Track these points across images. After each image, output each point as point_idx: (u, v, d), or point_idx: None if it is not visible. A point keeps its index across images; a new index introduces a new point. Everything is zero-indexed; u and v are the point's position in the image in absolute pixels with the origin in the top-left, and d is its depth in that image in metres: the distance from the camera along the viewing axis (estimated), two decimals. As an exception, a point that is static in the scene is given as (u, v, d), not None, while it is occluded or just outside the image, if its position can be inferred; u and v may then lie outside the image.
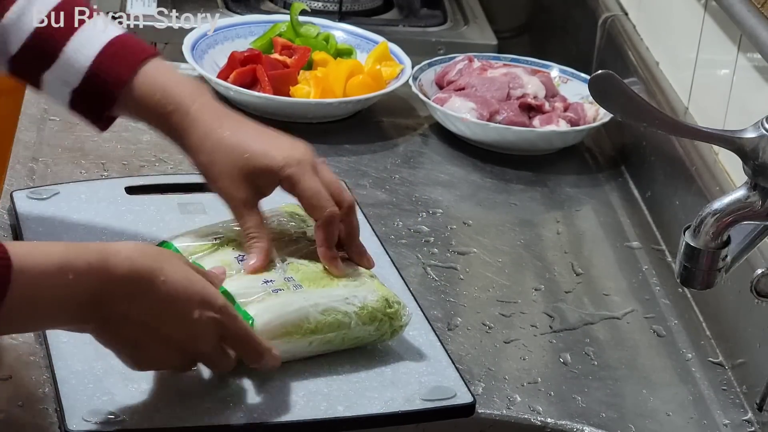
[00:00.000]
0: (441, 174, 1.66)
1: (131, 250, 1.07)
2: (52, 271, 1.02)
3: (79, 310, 1.04)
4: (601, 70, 1.03)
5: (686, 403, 1.28)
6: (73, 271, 1.02)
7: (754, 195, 1.04)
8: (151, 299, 1.07)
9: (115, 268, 1.05)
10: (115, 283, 1.05)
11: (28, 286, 1.00)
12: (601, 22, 1.90)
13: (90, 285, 1.04)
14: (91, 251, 1.05)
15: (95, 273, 1.04)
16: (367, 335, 1.23)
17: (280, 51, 1.82)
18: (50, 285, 1.02)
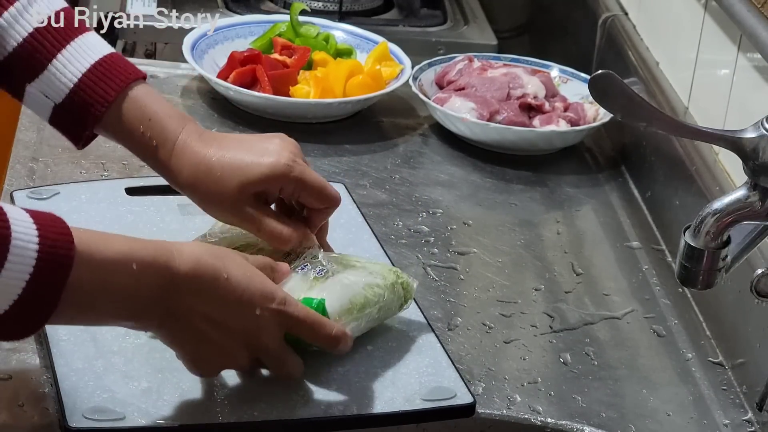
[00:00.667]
0: (441, 174, 1.66)
1: (195, 247, 1.08)
2: (117, 260, 1.02)
3: (143, 303, 1.05)
4: (601, 70, 1.03)
5: (686, 403, 1.28)
6: (137, 262, 1.03)
7: (754, 195, 1.04)
8: (215, 295, 1.08)
9: (180, 265, 1.06)
10: (180, 278, 1.05)
11: (92, 272, 1.00)
12: (601, 22, 1.90)
13: (155, 278, 1.04)
14: (155, 245, 1.05)
15: (160, 267, 1.04)
16: (393, 305, 1.25)
17: (280, 51, 1.82)
18: (114, 273, 1.02)
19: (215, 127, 1.70)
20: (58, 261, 0.97)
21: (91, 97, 1.20)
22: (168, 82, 1.80)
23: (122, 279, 1.03)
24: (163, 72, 1.83)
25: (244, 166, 1.22)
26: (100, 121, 1.21)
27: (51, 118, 1.23)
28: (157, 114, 1.23)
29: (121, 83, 1.21)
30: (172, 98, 1.76)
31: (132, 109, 1.21)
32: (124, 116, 1.21)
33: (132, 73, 1.22)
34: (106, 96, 1.20)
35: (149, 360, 1.19)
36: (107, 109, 1.20)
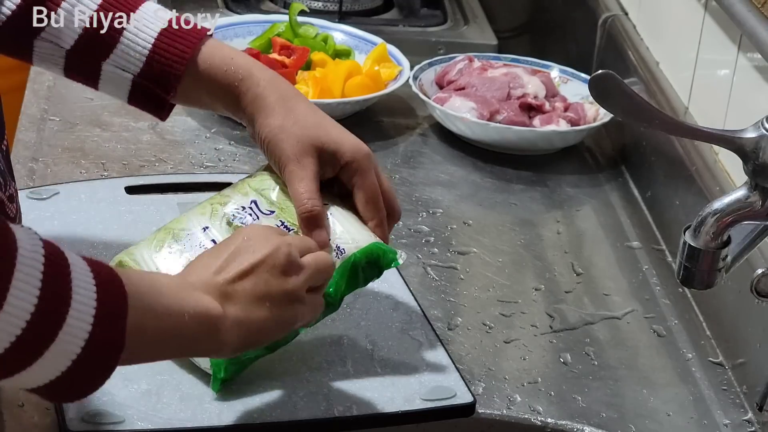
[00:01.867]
0: (441, 174, 1.66)
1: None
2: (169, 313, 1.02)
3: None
4: (601, 70, 1.03)
5: (686, 403, 1.28)
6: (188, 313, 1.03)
7: (755, 195, 1.04)
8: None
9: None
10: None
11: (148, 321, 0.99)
12: (601, 22, 1.90)
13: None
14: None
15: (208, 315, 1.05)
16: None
17: (279, 51, 1.82)
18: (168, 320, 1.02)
19: (215, 127, 1.70)
20: (116, 295, 0.96)
21: (168, 59, 1.21)
22: (168, 82, 1.80)
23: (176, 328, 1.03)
24: (163, 72, 1.82)
25: (325, 134, 1.23)
26: (180, 81, 1.21)
27: (131, 94, 1.23)
28: (236, 54, 1.24)
29: (193, 40, 1.22)
30: (171, 98, 1.76)
31: (213, 57, 1.22)
32: (207, 65, 1.22)
33: (200, 31, 1.24)
34: (183, 54, 1.21)
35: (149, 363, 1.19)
36: (186, 65, 1.21)
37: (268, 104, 1.22)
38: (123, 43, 1.20)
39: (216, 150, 1.64)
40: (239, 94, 1.22)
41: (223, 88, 1.22)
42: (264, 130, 1.22)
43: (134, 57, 1.21)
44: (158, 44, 1.21)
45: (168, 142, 1.65)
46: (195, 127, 1.70)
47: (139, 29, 1.21)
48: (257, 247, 1.09)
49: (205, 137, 1.68)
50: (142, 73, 1.21)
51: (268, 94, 1.22)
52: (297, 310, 1.10)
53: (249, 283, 1.07)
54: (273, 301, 1.08)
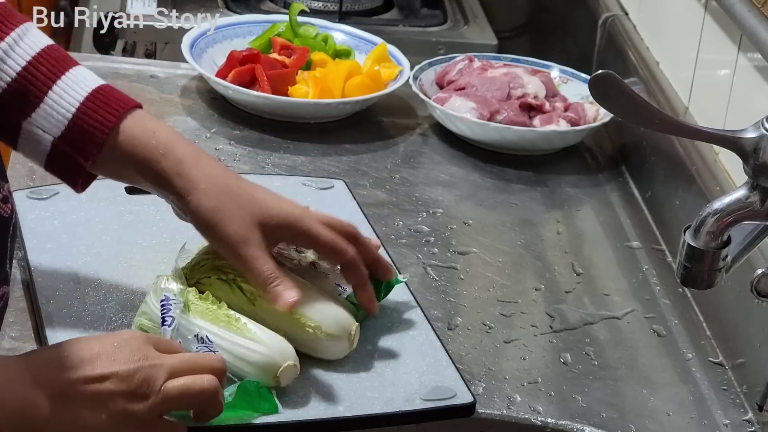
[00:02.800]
0: (441, 174, 1.66)
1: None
2: None
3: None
4: (602, 70, 1.03)
5: (686, 403, 1.28)
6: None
7: (755, 195, 1.04)
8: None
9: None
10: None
11: None
12: (602, 22, 1.90)
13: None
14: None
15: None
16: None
17: (279, 51, 1.82)
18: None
19: (215, 126, 1.70)
20: None
21: (92, 126, 1.18)
22: (168, 82, 1.80)
23: None
24: (163, 72, 1.83)
25: (263, 205, 1.20)
26: (101, 149, 1.18)
27: (49, 157, 1.19)
28: (162, 128, 1.20)
29: (120, 109, 1.19)
30: (172, 98, 1.76)
31: (135, 129, 1.19)
32: (130, 137, 1.18)
33: (129, 101, 1.21)
34: (107, 122, 1.18)
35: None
36: (109, 134, 1.18)
37: (197, 184, 1.18)
38: (47, 104, 1.17)
39: (216, 150, 1.64)
40: (161, 171, 1.18)
41: (143, 162, 1.18)
42: (200, 213, 1.18)
43: (57, 119, 1.17)
44: (83, 108, 1.18)
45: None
46: (195, 127, 1.70)
47: (65, 91, 1.18)
48: (119, 358, 1.04)
49: (205, 137, 1.67)
50: (63, 136, 1.17)
51: (194, 173, 1.18)
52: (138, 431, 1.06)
53: (92, 389, 1.03)
54: (111, 415, 1.03)
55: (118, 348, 1.05)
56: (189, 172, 1.19)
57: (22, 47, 1.17)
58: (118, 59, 1.93)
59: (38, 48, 1.19)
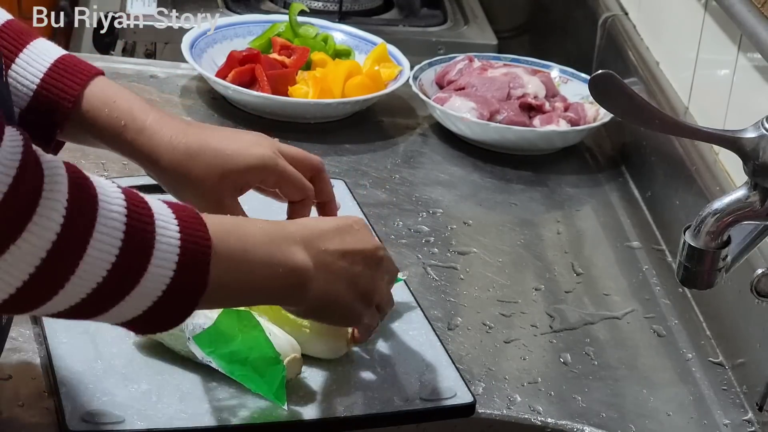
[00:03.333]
0: (441, 174, 1.66)
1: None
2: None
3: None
4: (602, 70, 1.03)
5: (686, 403, 1.28)
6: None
7: (755, 195, 1.04)
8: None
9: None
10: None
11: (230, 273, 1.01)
12: (602, 22, 1.90)
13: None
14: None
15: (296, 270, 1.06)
16: None
17: (279, 51, 1.82)
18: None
19: (215, 127, 1.70)
20: (199, 243, 0.97)
21: (57, 95, 1.17)
22: (168, 82, 1.80)
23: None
24: (163, 72, 1.83)
25: (228, 155, 1.20)
26: (69, 118, 1.18)
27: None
28: (122, 96, 1.20)
29: (84, 77, 1.18)
30: (172, 98, 1.76)
31: (97, 97, 1.19)
32: (90, 106, 1.18)
33: (92, 68, 1.20)
34: (71, 90, 1.17)
35: (149, 362, 1.19)
36: (75, 103, 1.17)
37: (161, 153, 1.19)
38: (11, 77, 1.16)
39: (216, 150, 1.64)
40: (124, 142, 1.19)
41: (106, 133, 1.19)
42: (170, 183, 1.20)
43: (21, 92, 1.17)
44: (47, 78, 1.17)
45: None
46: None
47: (28, 63, 1.17)
48: (364, 239, 1.11)
49: (205, 137, 1.67)
50: (29, 108, 1.17)
51: (157, 141, 1.19)
52: (364, 312, 1.12)
53: (344, 262, 1.09)
54: (354, 290, 1.10)
55: (360, 231, 1.12)
56: (151, 141, 1.19)
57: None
58: (118, 59, 1.93)
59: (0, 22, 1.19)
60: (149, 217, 0.95)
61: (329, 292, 1.08)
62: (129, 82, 1.78)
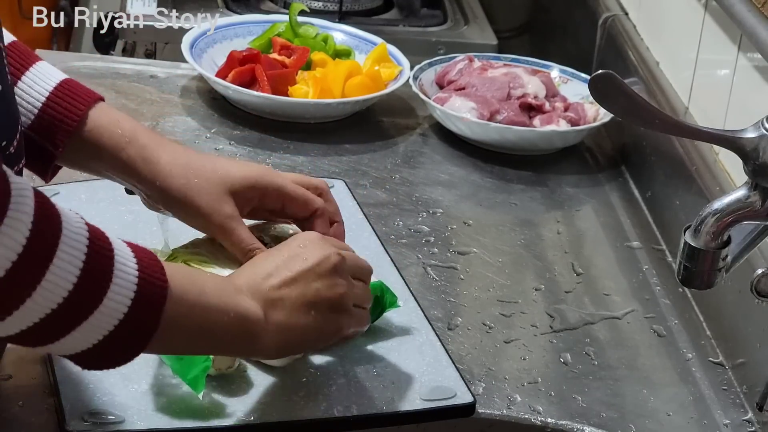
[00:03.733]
0: (441, 174, 1.66)
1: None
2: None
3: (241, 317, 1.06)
4: (602, 70, 1.03)
5: (686, 403, 1.28)
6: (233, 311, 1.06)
7: (755, 195, 1.04)
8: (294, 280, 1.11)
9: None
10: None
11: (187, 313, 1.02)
12: (602, 22, 1.90)
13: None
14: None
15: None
16: None
17: (279, 51, 1.82)
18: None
19: (215, 126, 1.70)
20: (155, 284, 0.99)
21: (62, 114, 1.19)
22: (168, 82, 1.80)
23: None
24: (163, 72, 1.83)
25: (227, 170, 1.22)
26: (71, 136, 1.19)
27: None
28: (125, 118, 1.23)
29: (87, 100, 1.21)
30: (172, 98, 1.76)
31: (101, 119, 1.21)
32: (94, 125, 1.20)
33: (93, 93, 1.23)
34: (76, 110, 1.20)
35: (149, 362, 1.19)
36: (79, 122, 1.20)
37: (162, 167, 1.21)
38: (16, 94, 1.18)
39: (216, 150, 1.64)
40: (127, 158, 1.21)
41: (109, 150, 1.21)
42: (170, 192, 1.21)
43: (26, 109, 1.19)
44: (52, 98, 1.19)
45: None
46: (195, 127, 1.70)
47: (34, 82, 1.19)
48: (309, 254, 1.11)
49: (205, 137, 1.68)
50: (32, 126, 1.19)
51: (158, 156, 1.21)
52: (342, 321, 1.13)
53: (296, 290, 1.09)
54: (318, 309, 1.10)
55: (305, 247, 1.12)
56: (152, 155, 1.21)
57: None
58: (118, 59, 1.93)
59: (5, 43, 1.19)
60: (109, 251, 0.96)
61: (290, 327, 1.09)
62: (129, 82, 1.78)
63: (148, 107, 1.73)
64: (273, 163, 1.62)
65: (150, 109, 1.72)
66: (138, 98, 1.74)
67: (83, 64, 1.81)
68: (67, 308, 0.93)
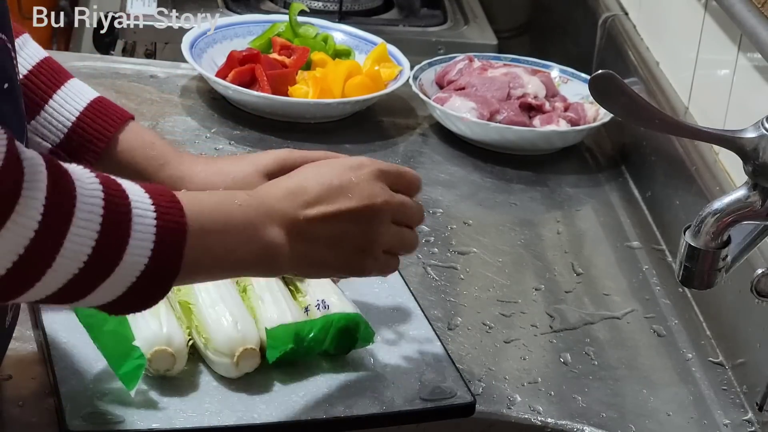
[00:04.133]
0: (441, 174, 1.66)
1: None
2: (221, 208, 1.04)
3: (258, 237, 1.06)
4: (602, 70, 1.03)
5: (686, 403, 1.28)
6: (238, 198, 1.06)
7: (755, 195, 1.04)
8: (315, 193, 1.09)
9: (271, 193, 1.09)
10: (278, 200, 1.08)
11: (204, 232, 1.02)
12: (602, 21, 1.90)
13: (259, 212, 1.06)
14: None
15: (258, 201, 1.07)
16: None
17: (279, 51, 1.82)
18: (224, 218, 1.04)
19: (215, 126, 1.70)
20: (175, 229, 0.99)
21: (91, 134, 1.21)
22: (168, 82, 1.80)
23: (235, 219, 1.05)
24: (163, 72, 1.83)
25: (258, 157, 1.24)
26: (99, 157, 1.21)
27: None
28: (158, 141, 1.24)
29: (119, 119, 1.22)
30: (172, 98, 1.76)
31: (133, 140, 1.22)
32: (126, 149, 1.22)
33: (124, 112, 1.24)
34: (106, 131, 1.21)
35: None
36: (108, 143, 1.21)
37: (199, 177, 1.22)
38: (47, 112, 1.20)
39: (216, 150, 1.64)
40: (165, 178, 1.22)
41: (140, 172, 1.22)
42: (200, 175, 1.22)
43: (56, 127, 1.20)
44: (82, 117, 1.21)
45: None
46: (195, 127, 1.70)
47: (65, 101, 1.20)
48: (356, 191, 1.10)
49: (205, 137, 1.68)
50: (61, 144, 1.20)
51: (193, 170, 1.22)
52: (366, 263, 1.12)
53: (328, 228, 1.08)
54: (344, 249, 1.10)
55: (358, 184, 1.10)
56: (188, 171, 1.22)
57: (23, 57, 1.20)
58: (118, 59, 1.93)
59: (37, 59, 1.21)
60: (125, 206, 0.96)
61: (309, 259, 1.08)
62: (129, 82, 1.78)
63: (148, 107, 1.73)
64: (273, 163, 1.62)
65: (150, 109, 1.72)
66: (138, 98, 1.74)
67: (83, 64, 1.81)
68: (88, 271, 0.94)
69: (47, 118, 1.20)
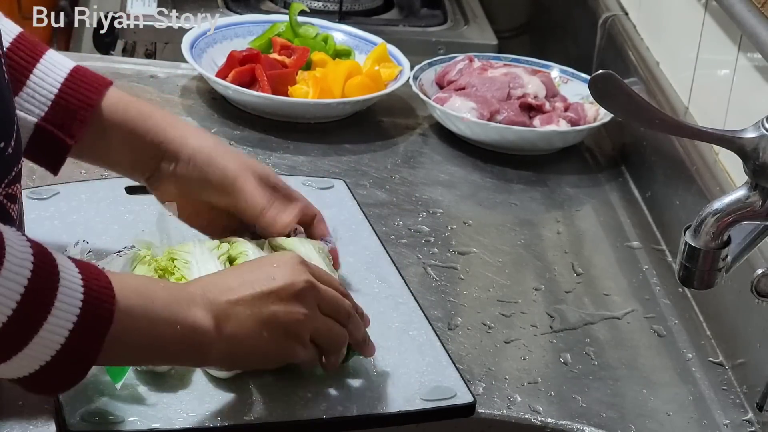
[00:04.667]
0: (441, 174, 1.66)
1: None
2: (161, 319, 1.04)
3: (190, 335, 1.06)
4: (602, 70, 1.03)
5: (686, 403, 1.28)
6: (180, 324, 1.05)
7: (755, 195, 1.04)
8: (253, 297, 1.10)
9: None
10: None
11: (133, 329, 1.02)
12: (602, 22, 1.90)
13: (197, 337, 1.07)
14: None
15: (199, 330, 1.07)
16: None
17: (279, 51, 1.82)
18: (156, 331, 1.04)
19: (215, 127, 1.70)
20: (100, 314, 0.98)
21: (75, 105, 1.21)
22: (168, 82, 1.80)
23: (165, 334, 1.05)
24: (163, 72, 1.83)
25: (249, 160, 1.27)
26: (86, 126, 1.20)
27: (31, 140, 1.21)
28: (139, 101, 1.25)
29: (99, 87, 1.22)
30: (172, 98, 1.76)
31: (117, 104, 1.23)
32: (109, 113, 1.22)
33: (104, 79, 1.24)
34: (90, 99, 1.21)
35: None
36: (93, 110, 1.21)
37: (188, 136, 1.24)
38: (29, 87, 1.19)
39: (216, 150, 1.64)
40: (151, 125, 1.23)
41: (128, 131, 1.23)
42: (203, 150, 1.23)
43: (39, 100, 1.20)
44: (64, 88, 1.21)
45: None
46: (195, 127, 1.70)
47: (45, 74, 1.20)
48: (279, 275, 1.10)
49: (205, 137, 1.67)
50: (46, 117, 1.20)
51: (183, 131, 1.25)
52: (295, 349, 1.12)
53: (252, 308, 1.08)
54: (271, 331, 1.10)
55: (279, 268, 1.11)
56: (176, 131, 1.24)
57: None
58: (118, 59, 1.93)
59: (13, 35, 1.21)
60: (54, 275, 0.95)
61: (239, 342, 1.08)
62: (129, 82, 1.78)
63: (148, 107, 1.72)
64: (273, 163, 1.62)
65: (150, 109, 1.72)
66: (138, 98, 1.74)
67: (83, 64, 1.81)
68: (10, 328, 0.93)
69: (30, 93, 1.19)
